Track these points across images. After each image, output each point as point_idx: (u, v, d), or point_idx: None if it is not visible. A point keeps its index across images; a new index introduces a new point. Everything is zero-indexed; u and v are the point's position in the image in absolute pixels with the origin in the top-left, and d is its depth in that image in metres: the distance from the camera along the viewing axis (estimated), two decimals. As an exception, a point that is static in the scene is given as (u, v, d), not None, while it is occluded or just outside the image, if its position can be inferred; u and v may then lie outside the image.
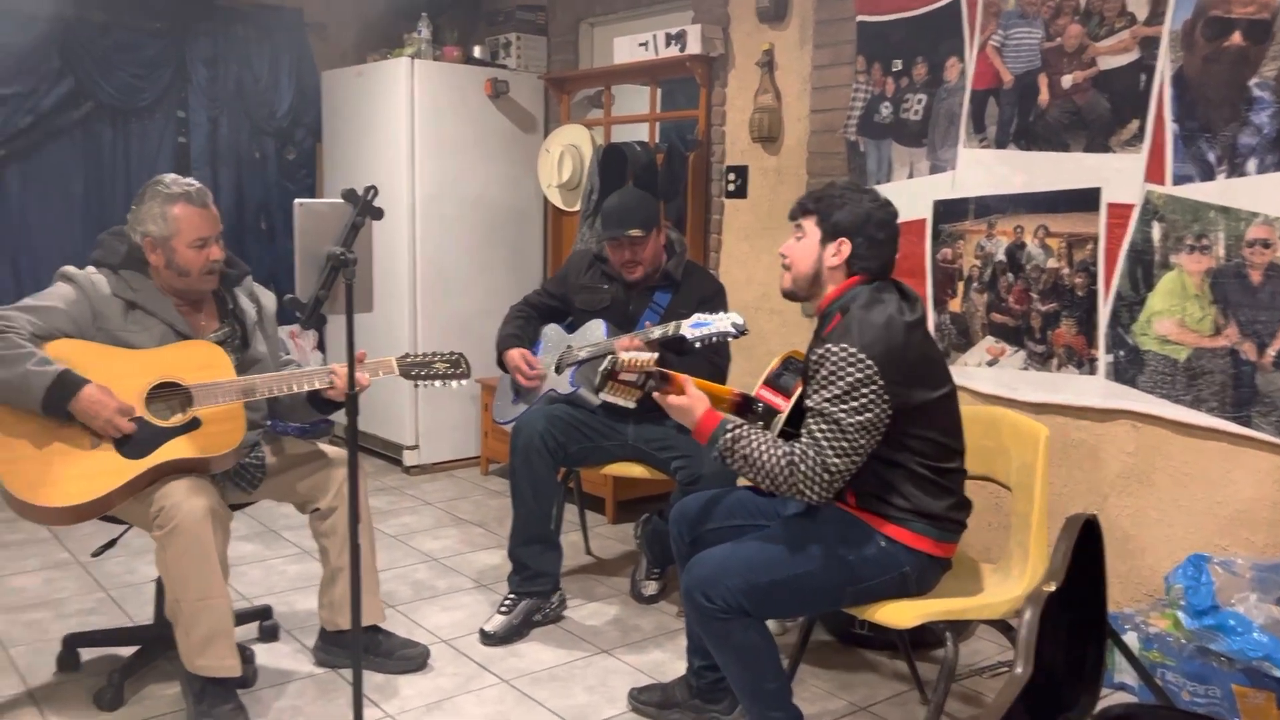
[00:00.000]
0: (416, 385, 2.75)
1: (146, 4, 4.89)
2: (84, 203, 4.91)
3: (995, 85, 3.24)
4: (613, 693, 2.74)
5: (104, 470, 2.36)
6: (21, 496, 2.28)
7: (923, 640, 2.85)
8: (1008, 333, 3.27)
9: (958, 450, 2.24)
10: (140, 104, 4.96)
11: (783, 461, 2.08)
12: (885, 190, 2.76)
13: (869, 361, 2.05)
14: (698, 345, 2.74)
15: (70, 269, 2.55)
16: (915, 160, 3.49)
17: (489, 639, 3.03)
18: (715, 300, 3.21)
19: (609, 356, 2.19)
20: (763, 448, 2.11)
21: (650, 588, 3.38)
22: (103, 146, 4.93)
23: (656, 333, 2.86)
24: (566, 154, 4.59)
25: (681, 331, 2.74)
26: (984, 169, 3.28)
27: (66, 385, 2.33)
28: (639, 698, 2.64)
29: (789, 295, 2.31)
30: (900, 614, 2.14)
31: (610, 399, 2.22)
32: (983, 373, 3.33)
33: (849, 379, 2.05)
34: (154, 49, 4.95)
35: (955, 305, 3.39)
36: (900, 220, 2.27)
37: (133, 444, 2.40)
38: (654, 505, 4.28)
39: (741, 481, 2.74)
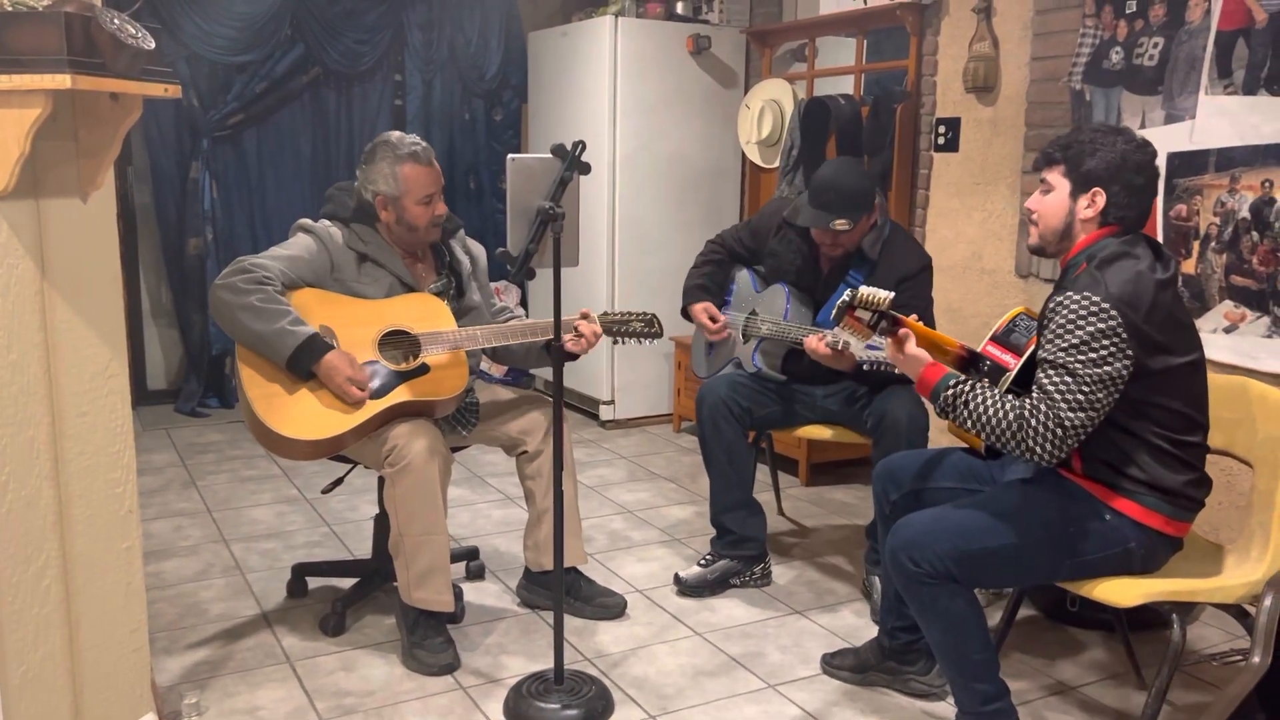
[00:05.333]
0: (615, 342, 2.82)
1: (368, -29, 5.14)
2: (311, 162, 5.25)
3: (1246, 25, 2.94)
4: (806, 654, 2.72)
5: (345, 409, 2.52)
6: (273, 427, 2.46)
7: (1141, 622, 2.68)
8: (1249, 297, 2.99)
9: (1202, 424, 2.07)
10: (361, 68, 5.23)
11: (1011, 415, 1.98)
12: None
13: (1112, 312, 1.91)
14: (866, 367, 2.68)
15: (308, 221, 2.70)
16: (1148, 109, 3.23)
17: (681, 585, 3.06)
18: (919, 279, 2.95)
19: (847, 290, 2.18)
20: (989, 402, 2.01)
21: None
22: (328, 109, 5.25)
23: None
24: (767, 109, 4.52)
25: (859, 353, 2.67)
26: (1229, 118, 3.00)
27: (313, 350, 2.48)
28: (832, 663, 2.61)
29: (1036, 251, 2.18)
30: (1122, 592, 2.01)
31: (842, 334, 2.22)
32: (1219, 340, 3.06)
33: (1089, 329, 1.92)
34: (375, 14, 5.20)
35: (1189, 267, 3.13)
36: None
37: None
38: (848, 470, 4.21)
39: (939, 440, 2.65)
